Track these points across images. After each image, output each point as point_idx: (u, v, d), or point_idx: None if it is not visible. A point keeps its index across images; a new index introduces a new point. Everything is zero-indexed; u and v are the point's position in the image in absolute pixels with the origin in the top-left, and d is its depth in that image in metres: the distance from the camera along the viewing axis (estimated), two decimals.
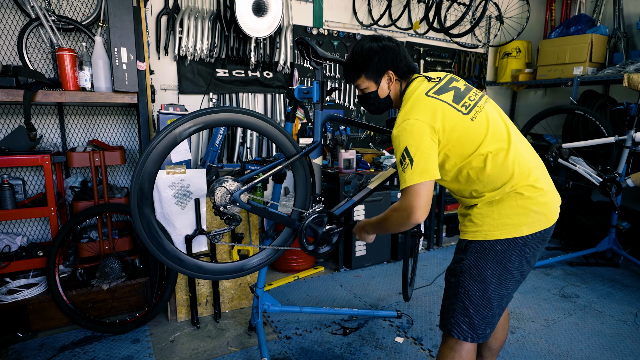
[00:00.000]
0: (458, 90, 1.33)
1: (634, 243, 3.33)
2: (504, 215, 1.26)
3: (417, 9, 3.87)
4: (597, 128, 3.12)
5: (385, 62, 1.38)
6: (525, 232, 1.25)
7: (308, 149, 1.69)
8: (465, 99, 1.31)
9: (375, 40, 1.40)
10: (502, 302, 1.30)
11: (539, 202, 1.26)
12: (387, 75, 1.40)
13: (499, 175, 1.25)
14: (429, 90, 1.31)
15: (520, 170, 1.25)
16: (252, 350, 2.09)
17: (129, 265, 2.37)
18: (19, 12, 2.37)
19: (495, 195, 1.26)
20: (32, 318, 2.15)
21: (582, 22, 3.81)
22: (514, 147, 1.27)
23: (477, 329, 1.30)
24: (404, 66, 1.39)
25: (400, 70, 1.39)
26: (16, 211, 2.15)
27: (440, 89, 1.32)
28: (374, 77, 1.41)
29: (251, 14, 2.88)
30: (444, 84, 1.34)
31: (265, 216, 1.66)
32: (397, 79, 1.40)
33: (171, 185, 2.11)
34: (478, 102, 1.32)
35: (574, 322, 2.42)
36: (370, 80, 1.42)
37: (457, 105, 1.28)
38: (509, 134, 1.29)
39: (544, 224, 1.28)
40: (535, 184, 1.26)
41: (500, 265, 1.27)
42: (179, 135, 1.41)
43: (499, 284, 1.28)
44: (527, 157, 1.29)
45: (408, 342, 2.18)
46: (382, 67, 1.38)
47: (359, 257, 3.17)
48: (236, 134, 3.12)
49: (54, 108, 2.55)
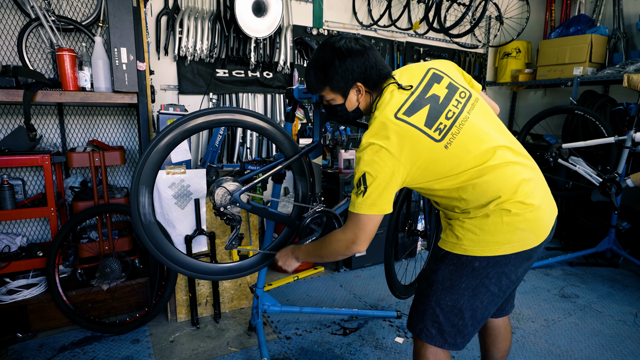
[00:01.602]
0: (435, 103, 1.17)
1: (634, 243, 3.33)
2: (486, 232, 1.14)
3: (417, 9, 3.87)
4: (597, 128, 3.12)
5: (353, 74, 1.21)
6: (508, 250, 1.14)
7: (308, 149, 1.69)
8: (441, 117, 1.15)
9: (340, 47, 1.21)
10: (475, 313, 1.21)
11: (526, 219, 1.14)
12: (356, 87, 1.24)
13: (483, 194, 1.14)
14: (399, 109, 1.15)
15: (507, 186, 1.13)
16: (252, 351, 2.09)
17: (129, 265, 2.37)
18: (18, 13, 2.37)
19: (479, 212, 1.15)
20: (31, 318, 2.15)
21: (581, 23, 3.81)
22: (501, 160, 1.14)
23: (447, 335, 1.22)
24: (375, 77, 1.22)
25: (370, 82, 1.23)
26: (16, 211, 2.15)
27: (412, 106, 1.15)
28: (341, 90, 1.25)
29: (251, 14, 2.88)
30: (419, 95, 1.18)
31: (266, 216, 1.67)
32: (368, 91, 1.25)
33: (171, 185, 2.11)
34: (459, 117, 1.17)
35: (574, 322, 2.42)
36: (336, 93, 1.26)
37: (430, 131, 1.13)
38: (494, 149, 1.15)
39: (531, 243, 1.16)
40: (525, 200, 1.13)
41: (477, 279, 1.18)
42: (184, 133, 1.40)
43: (472, 296, 1.19)
44: (517, 170, 1.16)
45: (408, 343, 2.18)
46: (350, 79, 1.22)
47: (358, 257, 3.17)
48: (236, 134, 3.12)
49: (54, 108, 2.55)
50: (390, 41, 3.79)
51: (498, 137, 1.19)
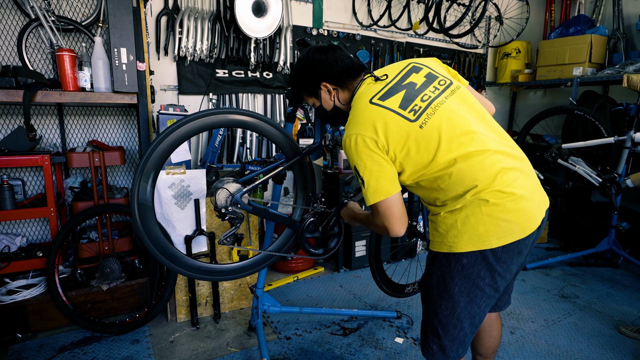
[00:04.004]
0: (412, 88, 1.20)
1: (634, 243, 3.34)
2: (467, 226, 1.11)
3: (417, 9, 3.87)
4: (597, 128, 3.12)
5: (315, 76, 1.35)
6: (494, 244, 1.10)
7: (308, 150, 1.69)
8: (416, 100, 1.17)
9: (300, 59, 1.38)
10: (474, 320, 1.20)
11: (508, 210, 1.09)
12: (323, 86, 1.36)
13: (459, 182, 1.12)
14: (374, 96, 1.20)
15: (484, 175, 1.10)
16: (251, 351, 2.09)
17: (129, 265, 2.37)
18: (18, 13, 2.36)
19: (457, 204, 1.13)
20: (31, 319, 2.15)
21: (581, 23, 3.81)
22: (478, 148, 1.12)
23: (448, 350, 1.22)
24: (336, 73, 1.32)
25: (334, 79, 1.33)
26: (16, 212, 2.15)
27: (388, 92, 1.19)
28: (313, 93, 1.39)
29: (251, 14, 2.88)
30: (396, 83, 1.22)
31: (266, 217, 1.66)
32: (336, 88, 1.35)
33: (171, 185, 2.11)
34: (434, 100, 1.17)
35: (574, 322, 2.42)
36: (311, 97, 1.42)
37: (404, 112, 1.15)
38: (471, 135, 1.13)
39: (517, 234, 1.11)
40: (504, 189, 1.09)
41: (469, 280, 1.15)
42: (181, 137, 1.40)
43: (468, 302, 1.17)
44: (497, 158, 1.12)
45: (408, 343, 2.18)
46: (314, 81, 1.35)
47: (358, 257, 3.17)
48: (236, 134, 3.12)
49: (54, 108, 2.55)
50: (390, 41, 3.79)
51: (478, 125, 1.18)
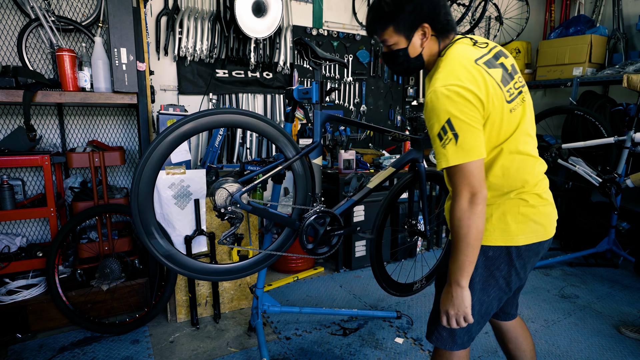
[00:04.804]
0: (505, 71, 1.12)
1: (634, 243, 3.34)
2: (502, 222, 1.16)
3: None
4: (597, 128, 3.13)
5: (420, 13, 1.12)
6: (521, 241, 1.16)
7: (308, 149, 1.69)
8: (511, 84, 1.11)
9: None
10: (482, 308, 1.21)
11: (541, 213, 1.17)
12: (422, 29, 1.14)
13: (509, 180, 1.14)
14: (479, 58, 1.08)
15: (533, 180, 1.16)
16: (251, 351, 2.09)
17: (129, 265, 2.37)
18: (18, 13, 2.37)
19: (498, 200, 1.16)
20: (31, 319, 2.15)
21: (581, 23, 3.81)
22: (534, 153, 1.17)
23: (457, 337, 1.23)
24: (443, 19, 1.14)
25: (438, 24, 1.14)
26: (15, 212, 2.15)
27: (489, 62, 1.10)
28: (405, 30, 1.15)
29: (251, 14, 2.88)
30: (492, 57, 1.12)
31: (266, 217, 1.66)
32: (434, 35, 1.15)
33: (171, 185, 2.11)
34: (521, 91, 1.15)
35: (574, 322, 2.42)
36: (399, 35, 1.16)
37: (504, 89, 1.08)
38: (532, 137, 1.17)
39: (542, 236, 1.19)
40: (542, 194, 1.18)
41: (488, 271, 1.18)
42: (181, 136, 1.40)
43: (482, 290, 1.20)
44: (542, 168, 1.20)
45: (408, 343, 2.18)
46: (417, 18, 1.12)
47: (358, 257, 3.17)
48: (236, 134, 3.12)
49: (54, 108, 2.55)
50: None
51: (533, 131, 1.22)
